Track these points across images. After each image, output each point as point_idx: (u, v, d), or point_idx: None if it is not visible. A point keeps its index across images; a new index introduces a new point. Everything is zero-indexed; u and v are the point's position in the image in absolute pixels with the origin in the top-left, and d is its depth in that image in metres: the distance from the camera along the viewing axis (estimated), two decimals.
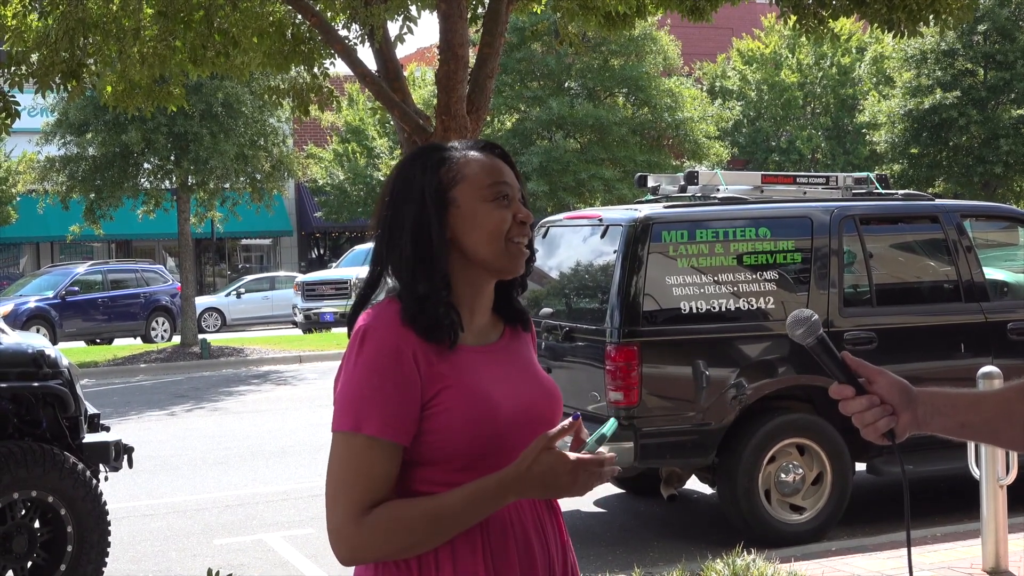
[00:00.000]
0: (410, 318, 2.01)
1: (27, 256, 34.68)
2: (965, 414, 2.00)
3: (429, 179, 2.07)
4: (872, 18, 8.59)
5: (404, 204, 2.08)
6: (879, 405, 1.92)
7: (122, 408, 14.24)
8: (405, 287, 2.04)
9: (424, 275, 2.03)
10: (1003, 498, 5.80)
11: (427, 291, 2.03)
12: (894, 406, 1.93)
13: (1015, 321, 7.40)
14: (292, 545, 7.41)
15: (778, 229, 7.10)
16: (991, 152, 26.02)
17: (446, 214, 2.06)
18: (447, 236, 2.05)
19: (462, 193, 2.07)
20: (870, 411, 1.92)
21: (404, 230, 2.06)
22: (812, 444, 6.94)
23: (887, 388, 1.94)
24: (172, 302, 24.33)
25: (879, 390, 1.94)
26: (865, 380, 1.95)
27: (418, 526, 1.93)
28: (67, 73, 8.09)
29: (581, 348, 7.08)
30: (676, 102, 27.26)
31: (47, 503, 6.02)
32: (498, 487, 1.94)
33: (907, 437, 1.95)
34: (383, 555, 1.97)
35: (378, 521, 1.94)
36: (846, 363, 1.94)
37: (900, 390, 1.95)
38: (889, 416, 1.93)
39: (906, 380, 1.97)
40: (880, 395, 1.93)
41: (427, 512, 1.94)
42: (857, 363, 1.95)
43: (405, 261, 2.05)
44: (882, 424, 1.92)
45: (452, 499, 1.95)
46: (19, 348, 6.34)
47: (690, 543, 6.99)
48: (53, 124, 21.03)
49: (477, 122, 7.95)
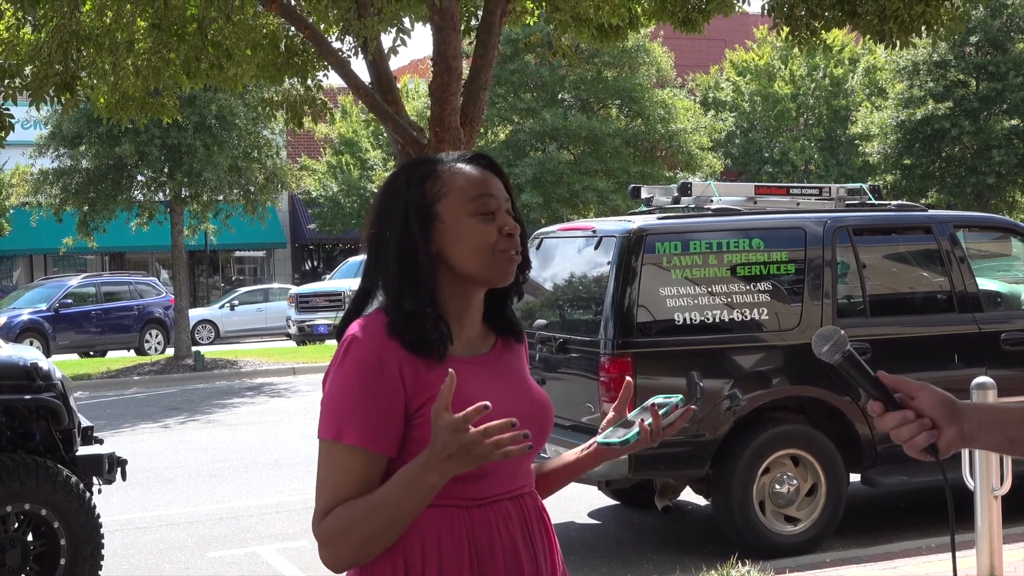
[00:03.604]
0: (396, 333, 2.01)
1: (20, 269, 34.63)
2: (1014, 429, 1.94)
3: (413, 194, 2.08)
4: (864, 29, 8.64)
5: (389, 222, 2.08)
6: (915, 420, 1.87)
7: (115, 420, 14.20)
8: (392, 303, 2.05)
9: (410, 292, 2.04)
10: (997, 508, 5.80)
11: (413, 307, 2.03)
12: (936, 421, 1.87)
13: (1008, 331, 7.42)
14: (286, 558, 7.39)
15: (771, 240, 7.11)
16: (983, 163, 26.10)
17: (431, 229, 2.06)
18: (432, 251, 2.06)
19: (446, 208, 2.07)
20: (905, 427, 1.86)
21: (389, 248, 2.07)
22: (806, 455, 6.94)
23: (928, 403, 1.88)
24: (166, 314, 24.28)
25: (919, 405, 1.88)
26: (904, 395, 1.88)
27: (360, 518, 1.95)
28: (61, 85, 8.11)
29: (575, 360, 7.08)
30: (669, 113, 27.32)
31: (40, 516, 5.99)
32: (418, 467, 1.91)
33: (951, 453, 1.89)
34: (347, 552, 1.98)
35: (328, 522, 1.97)
36: (878, 379, 1.88)
37: (943, 404, 1.88)
38: (929, 431, 1.87)
39: (951, 394, 1.90)
40: (920, 410, 1.87)
41: (365, 505, 1.95)
42: (895, 380, 1.89)
43: (391, 279, 2.06)
44: (920, 440, 1.86)
45: (384, 488, 1.96)
46: (12, 360, 6.31)
47: (684, 555, 6.99)
48: (47, 137, 21.01)
49: (471, 134, 7.98)
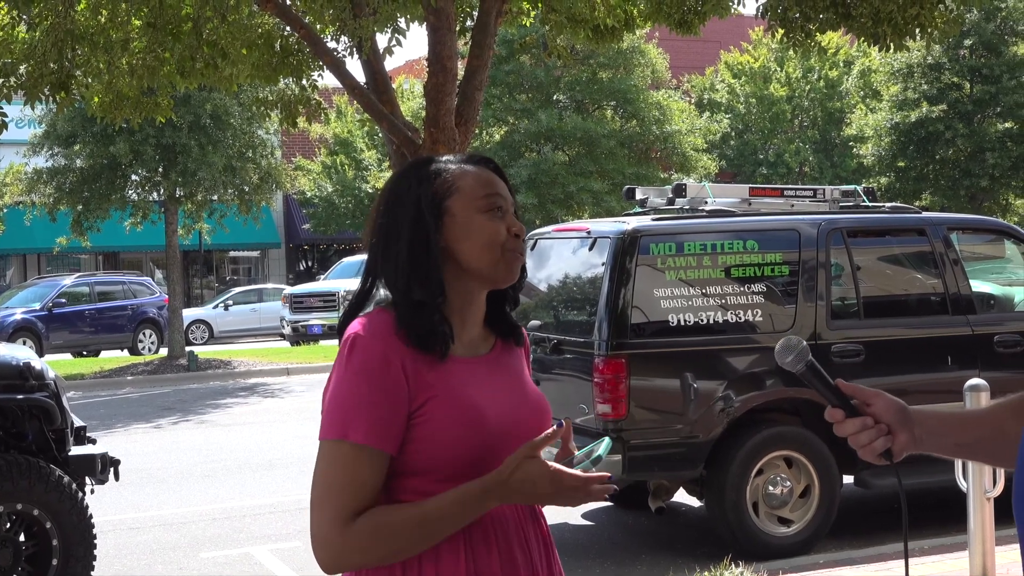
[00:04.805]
0: (405, 326, 2.01)
1: (14, 268, 34.56)
2: (959, 434, 2.02)
3: (424, 190, 2.08)
4: (858, 32, 8.64)
5: (400, 213, 2.08)
6: (873, 427, 1.95)
7: (108, 420, 14.18)
8: (401, 295, 2.04)
9: (420, 282, 2.03)
10: (990, 510, 5.81)
11: (423, 298, 2.03)
12: (890, 426, 1.95)
13: (1002, 334, 7.43)
14: (279, 558, 7.38)
15: (766, 242, 7.11)
16: (977, 165, 26.15)
17: (441, 224, 2.06)
18: (442, 245, 2.06)
19: (456, 203, 2.07)
20: (864, 432, 1.94)
21: (400, 238, 2.06)
22: (800, 457, 6.95)
23: (883, 409, 1.96)
24: (159, 314, 24.25)
25: (875, 411, 1.96)
26: (861, 402, 1.97)
27: (402, 531, 1.93)
28: (55, 84, 8.09)
29: (569, 361, 7.07)
30: (664, 115, 27.34)
31: (32, 516, 5.98)
32: (480, 492, 1.94)
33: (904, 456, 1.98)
34: (366, 562, 1.96)
35: (363, 528, 1.93)
36: (838, 387, 1.96)
37: (896, 410, 1.97)
38: (885, 437, 1.95)
39: (902, 401, 1.99)
40: (875, 416, 1.95)
41: (411, 517, 1.94)
42: (852, 388, 1.98)
43: (401, 269, 2.05)
44: (878, 444, 1.94)
45: (435, 504, 1.95)
46: (5, 360, 6.30)
47: (678, 556, 6.99)
48: (41, 136, 20.96)
49: (466, 134, 7.97)
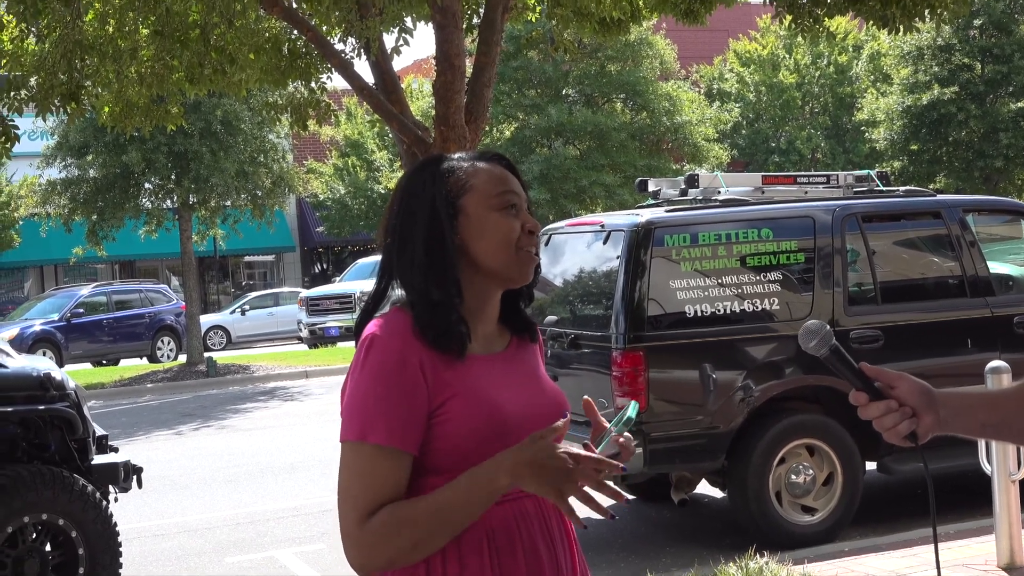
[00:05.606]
0: (423, 325, 2.00)
1: (31, 279, 34.72)
2: (985, 414, 2.02)
3: (438, 188, 2.07)
4: (867, 15, 8.60)
5: (415, 212, 2.08)
6: (897, 409, 1.95)
7: (130, 429, 14.24)
8: (418, 294, 2.04)
9: (437, 281, 2.03)
10: (1015, 493, 5.78)
11: (440, 297, 2.02)
12: (915, 409, 1.95)
13: (1022, 315, 7.38)
14: (304, 561, 7.39)
15: (780, 230, 7.08)
16: (991, 146, 26.02)
17: (455, 222, 2.06)
18: (457, 243, 2.05)
19: (471, 202, 2.07)
20: (888, 416, 1.95)
21: (416, 237, 2.06)
22: (822, 444, 6.92)
23: (907, 392, 1.96)
24: (177, 321, 24.34)
25: (899, 394, 1.96)
26: (885, 385, 1.96)
27: (419, 519, 1.93)
28: (66, 95, 8.11)
29: (587, 355, 7.06)
30: (674, 106, 27.28)
31: (58, 526, 6.01)
32: (491, 468, 1.91)
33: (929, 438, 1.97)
34: (391, 556, 1.95)
35: (380, 521, 1.93)
36: (861, 370, 1.96)
37: (921, 393, 1.97)
38: (909, 419, 1.95)
39: (926, 383, 1.99)
40: (899, 399, 1.95)
41: (427, 505, 1.93)
42: (875, 371, 1.98)
43: (417, 268, 2.04)
44: (902, 427, 1.95)
45: (449, 489, 1.94)
46: (25, 371, 6.33)
47: (702, 547, 6.97)
48: (53, 147, 21.08)
49: (476, 131, 7.96)
